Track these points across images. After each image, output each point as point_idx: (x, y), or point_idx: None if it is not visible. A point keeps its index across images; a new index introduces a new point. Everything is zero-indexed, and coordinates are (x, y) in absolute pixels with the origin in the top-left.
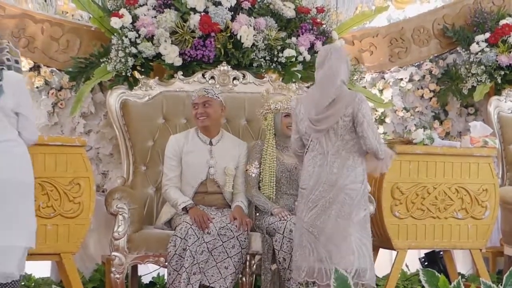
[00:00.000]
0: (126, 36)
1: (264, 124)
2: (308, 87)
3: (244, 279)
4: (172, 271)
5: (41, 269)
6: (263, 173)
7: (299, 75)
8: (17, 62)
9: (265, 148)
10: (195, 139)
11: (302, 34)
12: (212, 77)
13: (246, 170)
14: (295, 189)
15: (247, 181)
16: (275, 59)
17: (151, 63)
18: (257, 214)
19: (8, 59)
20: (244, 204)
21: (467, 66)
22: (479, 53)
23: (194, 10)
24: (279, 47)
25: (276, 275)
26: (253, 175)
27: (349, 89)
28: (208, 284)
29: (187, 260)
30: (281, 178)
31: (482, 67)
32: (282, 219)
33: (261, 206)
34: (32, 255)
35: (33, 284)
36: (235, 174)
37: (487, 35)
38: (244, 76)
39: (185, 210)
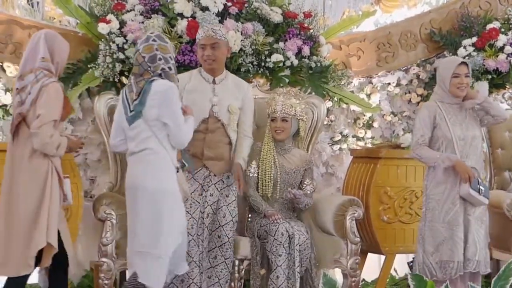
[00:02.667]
0: (114, 42)
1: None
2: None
3: (232, 284)
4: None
5: None
6: (261, 173)
7: (287, 80)
8: (170, 60)
9: (263, 150)
10: (197, 78)
11: (290, 39)
12: None
13: (245, 170)
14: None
15: (245, 181)
16: (263, 64)
17: None
18: (249, 216)
19: (163, 69)
20: (245, 159)
21: None
22: (466, 57)
23: (181, 15)
24: (266, 52)
25: (265, 280)
26: (251, 175)
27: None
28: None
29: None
30: (278, 180)
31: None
32: (275, 221)
33: (255, 207)
34: None
35: None
36: (239, 115)
37: (474, 39)
38: None
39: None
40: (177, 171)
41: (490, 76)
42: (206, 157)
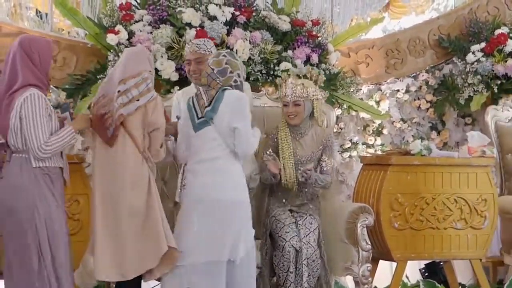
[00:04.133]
0: (123, 52)
1: None
2: None
3: None
4: None
5: None
6: (283, 161)
7: None
8: (239, 76)
9: (280, 138)
10: (191, 92)
11: (298, 47)
12: None
13: (261, 157)
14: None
15: (261, 167)
16: (272, 72)
17: None
18: (266, 211)
19: (235, 81)
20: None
21: (463, 76)
22: (475, 63)
23: (189, 25)
24: (275, 61)
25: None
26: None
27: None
28: None
29: None
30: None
31: (479, 76)
32: (273, 175)
33: (266, 181)
34: None
35: None
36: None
37: (483, 44)
38: None
39: None
40: None
41: (499, 82)
42: None
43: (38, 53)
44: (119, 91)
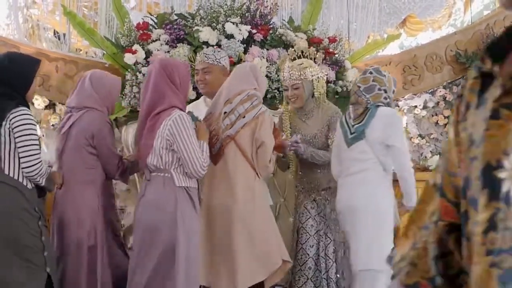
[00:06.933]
0: (140, 72)
1: None
2: None
3: None
4: None
5: None
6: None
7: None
8: (386, 92)
9: (284, 119)
10: (200, 106)
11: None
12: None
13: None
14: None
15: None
16: None
17: None
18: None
19: (385, 98)
20: None
21: None
22: None
23: (206, 43)
24: None
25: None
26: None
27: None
28: None
29: None
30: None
31: None
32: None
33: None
34: None
35: None
36: None
37: None
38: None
39: None
40: None
41: None
42: None
43: (179, 77)
44: (225, 112)
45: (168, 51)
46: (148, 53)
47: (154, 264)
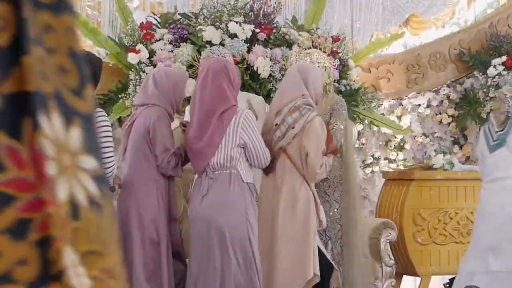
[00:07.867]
0: (144, 71)
1: None
2: None
3: None
4: None
5: None
6: None
7: None
8: None
9: None
10: None
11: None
12: None
13: None
14: None
15: None
16: None
17: None
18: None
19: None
20: None
21: (484, 90)
22: (497, 77)
23: (210, 43)
24: None
25: None
26: None
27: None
28: None
29: None
30: None
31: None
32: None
33: None
34: None
35: None
36: None
37: (504, 58)
38: None
39: None
40: None
41: None
42: None
43: (233, 77)
44: (276, 124)
45: (172, 51)
46: (152, 53)
47: (217, 263)
